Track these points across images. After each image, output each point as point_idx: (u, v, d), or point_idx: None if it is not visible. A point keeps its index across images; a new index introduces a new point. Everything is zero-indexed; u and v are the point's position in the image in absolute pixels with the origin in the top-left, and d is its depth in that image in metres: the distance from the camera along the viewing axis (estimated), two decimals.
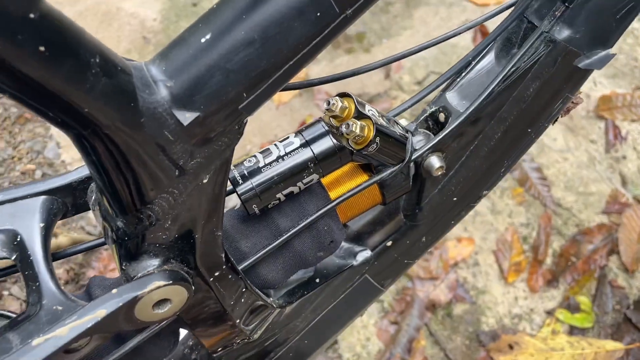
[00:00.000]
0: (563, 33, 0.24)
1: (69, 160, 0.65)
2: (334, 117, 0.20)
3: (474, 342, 0.54)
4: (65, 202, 0.19)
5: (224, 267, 0.19)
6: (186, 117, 0.14)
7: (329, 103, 0.19)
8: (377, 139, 0.20)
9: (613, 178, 0.64)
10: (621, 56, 0.73)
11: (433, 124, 0.25)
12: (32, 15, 0.09)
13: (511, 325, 0.55)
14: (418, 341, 0.54)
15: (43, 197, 0.18)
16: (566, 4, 0.23)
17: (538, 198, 0.63)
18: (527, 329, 0.55)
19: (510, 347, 0.52)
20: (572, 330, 0.53)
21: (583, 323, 0.54)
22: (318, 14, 0.14)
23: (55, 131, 0.67)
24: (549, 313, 0.55)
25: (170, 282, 0.17)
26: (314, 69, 0.76)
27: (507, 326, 0.55)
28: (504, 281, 0.59)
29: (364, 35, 0.79)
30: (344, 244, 0.25)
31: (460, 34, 0.26)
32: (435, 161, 0.23)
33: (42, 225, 0.18)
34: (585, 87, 0.70)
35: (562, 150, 0.66)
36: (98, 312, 0.16)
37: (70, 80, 0.11)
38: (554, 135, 0.66)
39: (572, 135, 0.67)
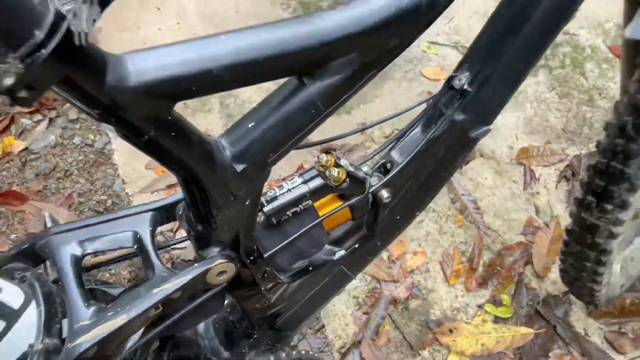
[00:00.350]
0: (460, 117, 0.39)
1: (131, 192, 0.82)
2: (322, 165, 0.33)
3: (425, 327, 0.69)
4: (162, 215, 0.31)
5: (256, 254, 0.31)
6: (239, 167, 0.27)
7: (319, 158, 0.33)
8: (347, 179, 0.33)
9: (529, 209, 0.83)
10: (536, 118, 0.95)
11: (383, 169, 0.39)
12: (169, 118, 0.21)
13: (452, 315, 0.70)
14: (383, 327, 0.68)
15: (151, 212, 0.30)
16: (461, 100, 0.39)
17: (473, 223, 0.80)
18: (463, 318, 0.70)
19: (451, 331, 0.66)
20: (497, 320, 0.69)
21: (505, 314, 0.69)
22: (313, 112, 0.27)
23: (121, 171, 0.85)
24: (480, 307, 0.70)
25: (226, 261, 0.29)
26: None
27: (449, 316, 0.70)
28: (447, 283, 0.73)
29: None
30: (327, 246, 0.38)
31: (408, 111, 0.41)
32: (384, 193, 0.37)
33: (150, 229, 0.29)
34: (510, 141, 0.90)
35: (491, 187, 0.84)
36: (188, 275, 0.28)
37: (185, 152, 0.23)
38: (485, 175, 0.85)
39: (499, 176, 0.86)
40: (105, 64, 0.16)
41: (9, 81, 0.12)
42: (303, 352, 0.65)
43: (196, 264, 0.28)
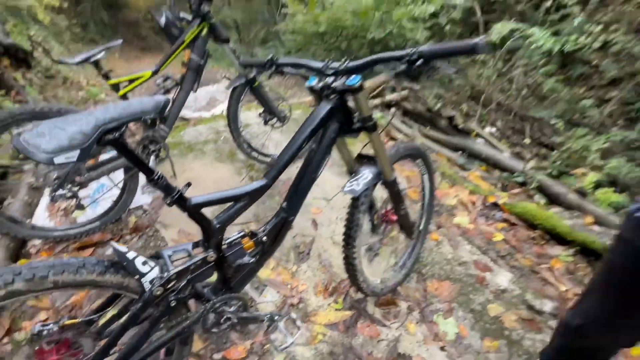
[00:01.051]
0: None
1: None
2: None
3: (305, 315, 1.41)
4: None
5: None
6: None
7: None
8: None
9: None
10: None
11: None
12: None
13: (317, 309, 1.44)
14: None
15: None
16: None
17: (328, 270, 1.63)
18: (323, 309, 1.44)
19: (314, 315, 1.40)
20: (336, 309, 1.45)
21: (339, 307, 1.46)
22: None
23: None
24: (329, 304, 1.47)
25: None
26: None
27: (315, 309, 1.44)
28: (316, 296, 1.50)
29: None
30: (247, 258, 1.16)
31: None
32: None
33: None
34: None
35: (336, 256, 1.72)
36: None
37: None
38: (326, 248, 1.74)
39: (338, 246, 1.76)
40: None
41: None
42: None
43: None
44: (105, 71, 1.65)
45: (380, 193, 1.31)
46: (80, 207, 1.59)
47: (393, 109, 4.02)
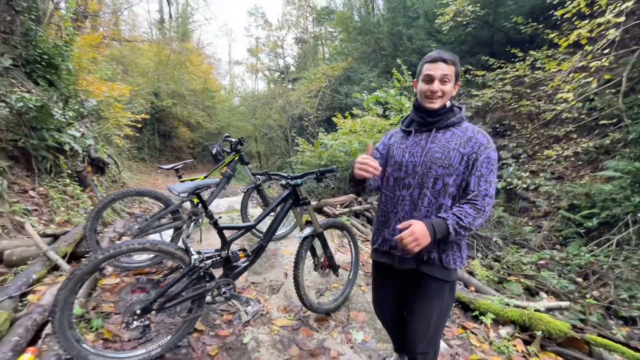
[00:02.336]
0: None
1: None
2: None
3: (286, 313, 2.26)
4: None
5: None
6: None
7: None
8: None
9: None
10: None
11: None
12: None
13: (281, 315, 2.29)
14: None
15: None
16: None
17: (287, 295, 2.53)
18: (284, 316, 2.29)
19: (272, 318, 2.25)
20: (289, 321, 2.28)
21: (290, 319, 2.29)
22: None
23: None
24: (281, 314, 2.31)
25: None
26: None
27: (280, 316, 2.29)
28: (280, 312, 2.36)
29: None
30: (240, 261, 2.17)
31: None
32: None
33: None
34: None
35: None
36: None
37: None
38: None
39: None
40: None
41: None
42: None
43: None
44: (180, 174, 3.03)
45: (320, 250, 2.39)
46: None
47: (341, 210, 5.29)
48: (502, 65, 7.30)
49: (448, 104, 1.35)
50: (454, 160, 1.29)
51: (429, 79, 1.30)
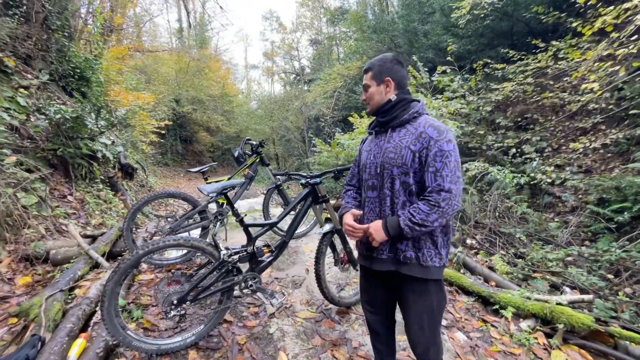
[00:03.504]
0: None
1: None
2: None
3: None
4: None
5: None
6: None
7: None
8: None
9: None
10: None
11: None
12: None
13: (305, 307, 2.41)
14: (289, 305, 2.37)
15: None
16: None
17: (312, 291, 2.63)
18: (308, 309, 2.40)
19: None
20: (311, 313, 2.39)
21: (313, 311, 2.40)
22: None
23: None
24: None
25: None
26: None
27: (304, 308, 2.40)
28: (303, 306, 2.46)
29: None
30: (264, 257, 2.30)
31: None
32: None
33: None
34: None
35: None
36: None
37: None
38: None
39: None
40: None
41: None
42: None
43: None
44: (207, 176, 3.20)
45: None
46: None
47: None
48: (523, 57, 7.12)
49: (394, 98, 1.37)
50: (407, 158, 1.27)
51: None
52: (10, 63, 4.33)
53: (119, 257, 3.08)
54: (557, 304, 2.27)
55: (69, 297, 2.24)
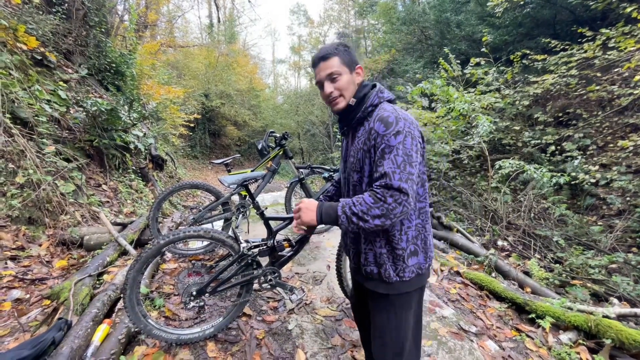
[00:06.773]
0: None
1: None
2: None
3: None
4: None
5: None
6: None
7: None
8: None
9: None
10: None
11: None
12: None
13: (324, 305, 2.35)
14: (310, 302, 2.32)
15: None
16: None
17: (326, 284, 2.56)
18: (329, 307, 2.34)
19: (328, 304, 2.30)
20: (331, 311, 2.32)
21: (333, 309, 2.33)
22: None
23: None
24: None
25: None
26: None
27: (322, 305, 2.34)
28: (322, 303, 2.41)
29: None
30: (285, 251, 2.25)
31: None
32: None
33: None
34: None
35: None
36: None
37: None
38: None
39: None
40: None
41: None
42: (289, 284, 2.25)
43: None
44: (230, 168, 3.21)
45: None
46: None
47: None
48: (567, 47, 6.59)
49: (364, 90, 1.18)
50: (363, 161, 1.13)
51: (320, 85, 1.17)
52: (53, 58, 4.57)
53: (146, 245, 3.16)
54: (604, 316, 2.06)
55: (98, 282, 2.32)
